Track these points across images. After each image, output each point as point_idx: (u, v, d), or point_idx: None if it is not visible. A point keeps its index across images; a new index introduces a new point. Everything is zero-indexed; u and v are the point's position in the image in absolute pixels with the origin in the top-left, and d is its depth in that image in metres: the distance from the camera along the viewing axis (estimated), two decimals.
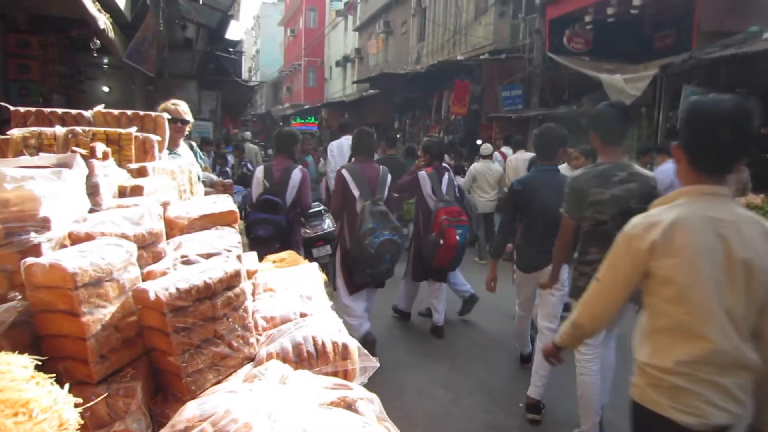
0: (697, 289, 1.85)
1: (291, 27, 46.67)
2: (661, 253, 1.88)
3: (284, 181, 4.83)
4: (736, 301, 1.84)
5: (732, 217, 1.88)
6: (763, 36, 8.58)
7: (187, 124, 4.04)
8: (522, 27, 15.90)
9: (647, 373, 1.95)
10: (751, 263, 1.83)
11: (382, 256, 4.60)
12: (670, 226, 1.87)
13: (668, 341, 1.91)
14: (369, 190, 4.83)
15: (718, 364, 1.84)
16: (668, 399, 1.89)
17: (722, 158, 1.90)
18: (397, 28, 26.72)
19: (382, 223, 4.63)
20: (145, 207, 1.60)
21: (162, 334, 1.25)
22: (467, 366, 4.99)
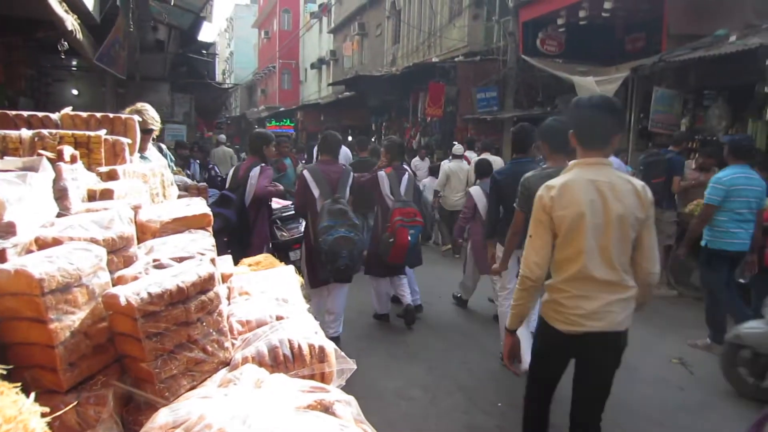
0: (580, 232, 2.51)
1: (265, 29, 46.38)
2: (557, 206, 2.54)
3: (246, 178, 5.00)
4: (609, 240, 2.50)
5: (608, 179, 2.54)
6: (730, 39, 8.76)
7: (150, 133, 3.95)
8: (496, 29, 16.03)
9: (547, 293, 2.70)
10: (623, 213, 2.49)
11: (337, 253, 4.80)
12: (561, 186, 2.56)
13: (560, 268, 2.62)
14: (329, 189, 5.05)
15: (587, 283, 2.53)
16: (552, 310, 2.65)
17: (597, 137, 2.60)
18: (372, 30, 26.74)
19: (339, 221, 4.85)
20: (115, 211, 1.56)
21: (134, 340, 1.22)
22: (445, 367, 4.99)
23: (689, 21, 9.96)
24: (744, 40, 8.34)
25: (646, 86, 9.89)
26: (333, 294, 5.30)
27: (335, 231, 4.82)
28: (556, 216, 2.55)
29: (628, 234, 2.52)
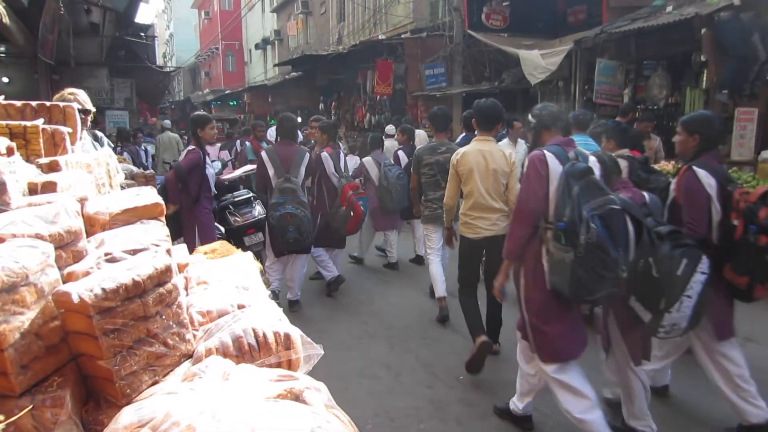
0: (473, 179, 4.36)
1: (205, 9, 45.01)
2: (459, 165, 4.43)
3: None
4: (489, 184, 4.33)
5: (490, 149, 4.37)
6: (667, 9, 9.01)
7: (89, 114, 3.78)
8: (441, 5, 16.01)
9: (461, 217, 4.50)
10: (496, 168, 4.32)
11: (285, 227, 5.27)
12: (462, 153, 4.45)
13: (466, 201, 4.45)
14: (283, 169, 5.44)
15: (480, 209, 4.36)
16: (465, 227, 4.47)
17: (486, 123, 4.47)
18: (316, 9, 26.30)
19: (288, 198, 5.30)
20: (60, 204, 1.48)
21: (89, 337, 1.17)
22: (406, 344, 5.03)
23: None
24: (680, 10, 8.59)
25: (589, 58, 10.09)
26: (292, 262, 5.79)
27: (283, 207, 5.26)
28: (459, 170, 4.44)
29: (500, 180, 4.34)
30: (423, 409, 3.92)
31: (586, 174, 2.90)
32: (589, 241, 2.76)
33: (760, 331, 4.86)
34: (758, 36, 7.53)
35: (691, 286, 2.99)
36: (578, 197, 2.83)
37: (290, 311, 5.77)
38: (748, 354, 3.53)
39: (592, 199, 2.83)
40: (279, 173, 5.42)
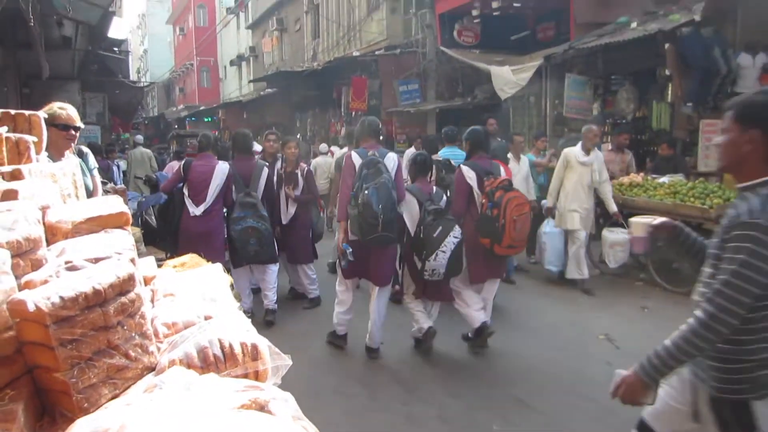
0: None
1: (180, 25, 44.80)
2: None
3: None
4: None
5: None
6: (632, 26, 9.25)
7: (78, 130, 3.70)
8: (414, 22, 16.19)
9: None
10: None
11: (246, 240, 5.45)
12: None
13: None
14: (242, 183, 5.68)
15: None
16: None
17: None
18: (291, 26, 26.38)
19: (249, 212, 5.47)
20: (20, 211, 1.43)
21: (45, 348, 1.12)
22: (381, 361, 4.98)
23: (593, 10, 10.46)
24: (644, 27, 8.83)
25: (558, 73, 10.28)
26: (263, 273, 5.95)
27: (244, 221, 5.43)
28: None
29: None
30: (399, 426, 3.88)
31: (374, 164, 4.62)
32: (362, 201, 4.46)
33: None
34: (718, 50, 7.77)
35: (445, 244, 4.52)
36: (364, 176, 4.56)
37: (265, 320, 5.84)
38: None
39: (372, 178, 4.54)
40: (239, 188, 5.65)
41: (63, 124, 3.48)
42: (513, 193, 4.78)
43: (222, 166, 5.66)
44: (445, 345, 5.13)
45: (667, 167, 7.52)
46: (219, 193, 5.59)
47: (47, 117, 3.47)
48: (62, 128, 3.48)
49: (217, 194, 5.58)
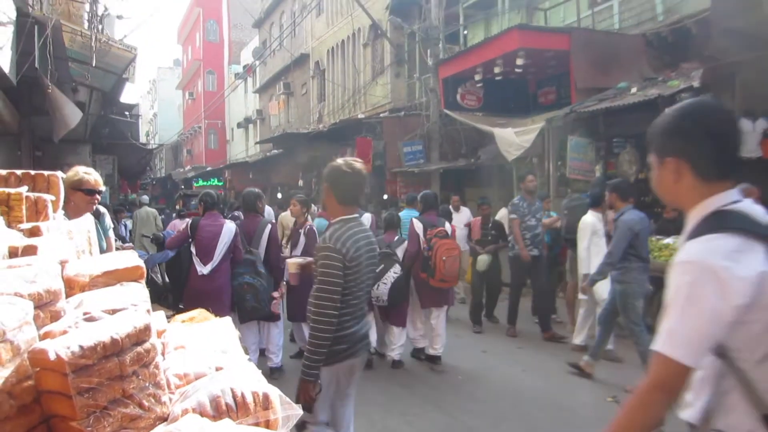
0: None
1: (189, 90, 46.15)
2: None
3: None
4: None
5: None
6: (631, 91, 9.50)
7: (100, 194, 3.82)
8: (418, 86, 16.66)
9: None
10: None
11: (242, 295, 5.60)
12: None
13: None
14: (246, 241, 5.86)
15: None
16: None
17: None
18: (297, 90, 27.13)
19: (247, 269, 5.67)
20: (41, 265, 1.49)
21: (63, 397, 1.15)
22: (386, 421, 4.92)
23: (593, 75, 10.74)
24: (644, 92, 9.06)
25: (560, 135, 10.48)
26: (268, 331, 6.11)
27: (242, 277, 5.62)
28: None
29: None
30: None
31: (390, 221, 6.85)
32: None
33: None
34: None
35: (386, 278, 6.01)
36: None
37: (271, 378, 5.74)
38: None
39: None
40: (243, 245, 5.83)
41: (90, 189, 3.60)
42: (445, 240, 6.29)
43: (229, 225, 5.75)
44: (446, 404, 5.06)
45: (671, 228, 7.58)
46: (226, 251, 5.66)
47: (75, 182, 3.61)
48: (88, 193, 3.60)
49: (224, 253, 5.64)
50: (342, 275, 2.92)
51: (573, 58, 10.82)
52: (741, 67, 8.35)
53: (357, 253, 2.99)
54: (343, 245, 2.93)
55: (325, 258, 2.93)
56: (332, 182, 3.11)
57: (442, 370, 6.28)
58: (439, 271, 6.15)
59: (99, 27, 12.34)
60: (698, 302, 1.50)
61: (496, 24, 14.48)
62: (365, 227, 3.23)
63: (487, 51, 12.05)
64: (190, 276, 5.66)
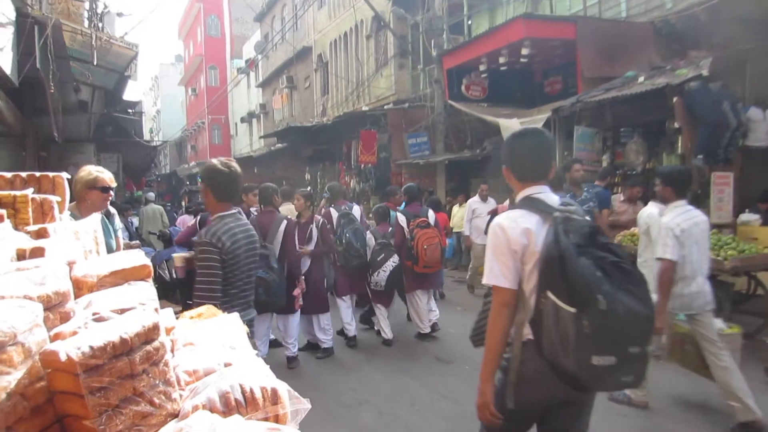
0: None
1: (192, 86, 46.16)
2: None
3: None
4: None
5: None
6: (639, 80, 9.43)
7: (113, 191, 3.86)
8: (422, 77, 16.60)
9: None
10: None
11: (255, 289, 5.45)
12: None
13: None
14: (261, 236, 5.74)
15: None
16: None
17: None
18: (301, 83, 27.10)
19: (261, 263, 5.50)
20: (49, 267, 1.50)
21: (76, 397, 1.17)
22: (395, 411, 4.94)
23: (600, 64, 10.67)
24: (651, 81, 8.98)
25: (567, 126, 10.43)
26: (284, 322, 6.23)
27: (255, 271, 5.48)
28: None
29: None
30: None
31: (347, 215, 7.07)
32: (345, 241, 6.70)
33: None
34: (728, 104, 7.86)
35: (385, 266, 6.72)
36: (343, 224, 6.90)
37: (288, 368, 6.15)
38: None
39: (348, 225, 6.87)
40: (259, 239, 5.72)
41: (105, 187, 3.66)
42: (426, 230, 6.78)
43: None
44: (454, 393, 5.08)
45: None
46: None
47: (90, 181, 3.65)
48: (103, 191, 3.65)
49: None
50: (220, 267, 3.18)
51: (580, 47, 10.76)
52: (751, 55, 8.27)
53: (234, 246, 3.24)
54: (219, 239, 3.18)
55: (202, 252, 3.20)
56: (209, 181, 3.32)
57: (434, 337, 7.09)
58: (421, 258, 6.70)
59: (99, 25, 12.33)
60: (500, 247, 2.42)
61: (500, 13, 14.40)
62: (244, 221, 3.45)
63: (492, 41, 11.99)
64: None
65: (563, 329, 2.16)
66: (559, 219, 2.32)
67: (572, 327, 2.12)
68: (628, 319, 2.10)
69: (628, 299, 2.11)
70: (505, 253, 2.39)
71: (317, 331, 6.54)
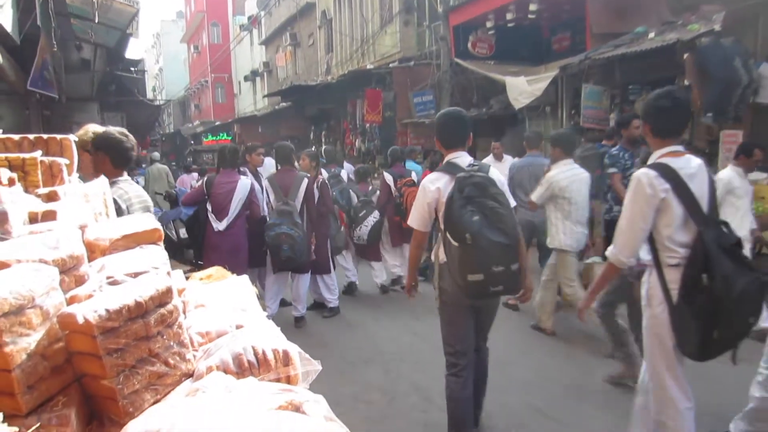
0: None
1: (194, 43, 45.53)
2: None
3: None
4: None
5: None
6: (649, 36, 9.24)
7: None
8: (427, 34, 16.31)
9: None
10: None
11: (278, 246, 5.71)
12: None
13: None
14: (282, 194, 5.98)
15: None
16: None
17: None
18: (304, 40, 26.69)
19: (284, 220, 5.77)
20: (62, 230, 1.53)
21: (93, 357, 1.20)
22: (400, 369, 5.04)
23: (610, 20, 10.44)
24: (662, 36, 8.80)
25: (574, 83, 10.29)
26: (295, 281, 6.31)
27: (278, 228, 5.72)
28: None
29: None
30: None
31: (336, 176, 7.67)
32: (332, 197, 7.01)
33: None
34: (739, 60, 7.71)
35: (366, 221, 7.17)
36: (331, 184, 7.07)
37: (296, 327, 6.29)
38: None
39: (336, 185, 7.45)
40: (278, 197, 5.96)
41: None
42: (413, 188, 7.00)
43: (244, 181, 5.80)
44: None
45: None
46: (242, 208, 5.72)
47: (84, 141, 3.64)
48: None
49: (239, 209, 5.71)
50: None
51: (589, 2, 10.51)
52: (765, 9, 8.08)
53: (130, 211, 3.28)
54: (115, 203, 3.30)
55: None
56: (108, 149, 3.32)
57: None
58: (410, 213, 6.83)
59: None
60: (420, 201, 3.46)
61: None
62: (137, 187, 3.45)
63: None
64: (207, 233, 5.76)
65: (452, 256, 3.17)
66: (460, 178, 3.20)
67: (456, 255, 3.12)
68: (490, 249, 3.01)
69: (494, 234, 3.02)
70: (423, 206, 3.44)
71: (323, 291, 6.62)
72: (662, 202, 2.78)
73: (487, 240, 2.99)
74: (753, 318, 2.77)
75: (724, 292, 2.62)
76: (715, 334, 2.69)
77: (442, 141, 3.58)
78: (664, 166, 2.84)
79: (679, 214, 2.79)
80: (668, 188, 2.76)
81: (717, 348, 2.79)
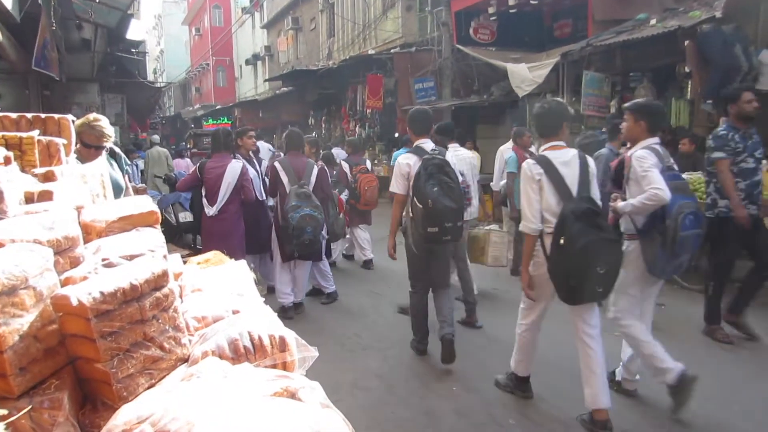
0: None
1: (195, 26, 45.17)
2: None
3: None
4: None
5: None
6: (651, 22, 9.17)
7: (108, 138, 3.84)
8: (429, 20, 16.17)
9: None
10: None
11: (303, 228, 5.64)
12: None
13: None
14: (296, 177, 5.94)
15: None
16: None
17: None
18: (306, 25, 26.48)
19: (305, 202, 5.74)
20: (58, 211, 1.51)
21: (87, 340, 1.19)
22: (399, 356, 5.04)
23: (612, 6, 10.37)
24: (663, 23, 8.74)
25: (575, 70, 10.22)
26: (298, 267, 6.20)
27: (302, 210, 5.66)
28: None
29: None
30: (416, 420, 3.92)
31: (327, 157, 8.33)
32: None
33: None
34: (740, 47, 7.66)
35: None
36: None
37: (295, 313, 6.18)
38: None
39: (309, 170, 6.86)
40: (293, 181, 5.91)
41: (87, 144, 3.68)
42: (366, 174, 8.06)
43: (234, 165, 5.73)
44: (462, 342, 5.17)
45: (687, 164, 7.45)
46: (232, 192, 5.66)
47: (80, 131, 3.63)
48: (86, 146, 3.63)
49: (230, 194, 5.65)
50: None
51: None
52: None
53: None
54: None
55: None
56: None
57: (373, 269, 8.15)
58: (363, 197, 7.96)
59: None
60: (397, 173, 4.60)
61: None
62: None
63: None
64: (202, 218, 5.75)
65: (416, 214, 4.39)
66: (426, 159, 4.43)
67: (420, 214, 4.35)
68: (443, 211, 4.28)
69: (447, 201, 4.29)
70: (402, 176, 4.54)
71: (318, 278, 6.62)
72: (538, 183, 3.61)
73: (442, 204, 4.27)
74: (601, 268, 3.40)
75: (569, 248, 3.37)
76: (571, 281, 3.45)
77: (413, 130, 4.82)
78: (542, 156, 3.70)
79: (552, 192, 3.57)
80: (542, 172, 3.59)
81: (581, 294, 3.49)
